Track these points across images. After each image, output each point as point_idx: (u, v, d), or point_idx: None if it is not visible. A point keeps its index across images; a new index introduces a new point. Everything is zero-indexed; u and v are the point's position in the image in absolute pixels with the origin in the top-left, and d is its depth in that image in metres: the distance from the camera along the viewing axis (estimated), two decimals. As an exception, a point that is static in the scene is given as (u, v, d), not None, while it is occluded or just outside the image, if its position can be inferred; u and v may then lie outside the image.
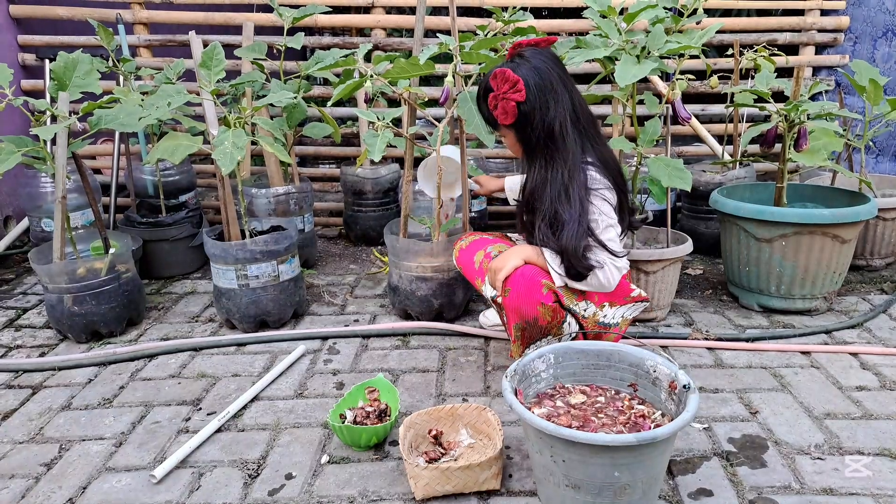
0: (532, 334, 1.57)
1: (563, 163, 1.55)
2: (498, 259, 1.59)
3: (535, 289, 1.53)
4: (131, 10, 3.07)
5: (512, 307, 1.55)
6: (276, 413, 1.65)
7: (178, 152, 1.86)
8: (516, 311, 1.55)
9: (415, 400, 1.70)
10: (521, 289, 1.53)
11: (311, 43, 3.10)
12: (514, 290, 1.54)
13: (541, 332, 1.57)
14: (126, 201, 2.92)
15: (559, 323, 1.57)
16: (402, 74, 1.85)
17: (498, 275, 1.57)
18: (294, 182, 2.70)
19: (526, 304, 1.53)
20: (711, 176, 2.71)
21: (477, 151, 3.16)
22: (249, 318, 2.09)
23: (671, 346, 1.97)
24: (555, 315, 1.55)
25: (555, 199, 1.54)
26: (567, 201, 1.53)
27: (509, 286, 1.55)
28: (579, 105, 1.62)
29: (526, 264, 1.56)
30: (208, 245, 2.07)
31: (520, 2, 3.00)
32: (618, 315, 1.67)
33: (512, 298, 1.54)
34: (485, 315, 2.14)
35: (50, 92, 2.03)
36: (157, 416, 1.65)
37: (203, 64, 2.01)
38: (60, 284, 1.99)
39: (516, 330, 1.57)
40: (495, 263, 1.59)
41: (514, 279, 1.55)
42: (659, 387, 1.37)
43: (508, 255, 1.58)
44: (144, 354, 1.97)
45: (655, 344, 1.97)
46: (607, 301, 1.65)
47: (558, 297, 1.55)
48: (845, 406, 1.62)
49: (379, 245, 3.03)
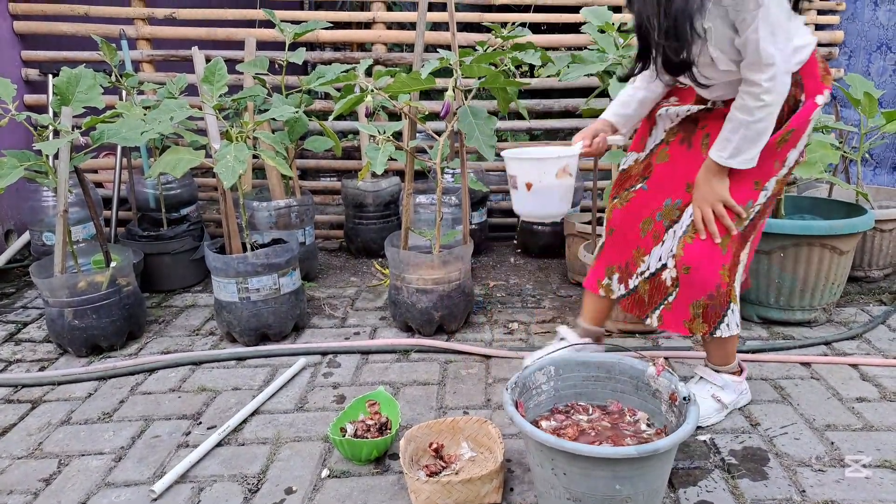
0: (716, 305, 1.49)
1: None
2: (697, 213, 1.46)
3: (716, 253, 1.45)
4: (135, 26, 3.11)
5: (692, 283, 1.47)
6: (277, 427, 1.65)
7: (180, 166, 1.87)
8: (698, 285, 1.47)
9: (415, 413, 1.70)
10: (701, 259, 1.46)
11: (313, 58, 3.13)
12: (694, 265, 1.46)
13: (723, 300, 1.49)
14: (128, 214, 2.93)
15: (734, 280, 1.50)
16: (403, 89, 1.87)
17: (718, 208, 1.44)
18: (295, 195, 2.72)
19: (709, 271, 1.45)
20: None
21: (477, 164, 3.18)
22: (250, 332, 2.10)
23: (672, 357, 1.97)
24: (731, 273, 1.48)
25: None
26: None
27: (688, 262, 1.47)
28: None
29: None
30: (209, 258, 2.08)
31: (519, 18, 3.03)
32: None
33: (692, 276, 1.47)
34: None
35: (53, 107, 2.04)
36: (157, 430, 1.65)
37: (205, 79, 2.03)
38: (61, 298, 2.00)
39: (695, 308, 1.50)
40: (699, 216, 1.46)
41: (692, 251, 1.46)
42: (659, 399, 1.37)
43: (700, 194, 1.44)
44: (144, 368, 1.97)
45: (656, 356, 1.97)
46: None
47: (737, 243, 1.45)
48: (846, 417, 1.62)
49: (380, 257, 3.04)
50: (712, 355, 1.65)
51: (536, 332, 2.20)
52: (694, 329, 1.54)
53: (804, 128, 1.44)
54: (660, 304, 1.57)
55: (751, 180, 1.44)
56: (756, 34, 1.27)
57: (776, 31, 1.27)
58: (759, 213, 1.50)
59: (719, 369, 1.65)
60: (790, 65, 1.33)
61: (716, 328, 1.53)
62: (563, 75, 1.96)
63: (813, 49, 1.40)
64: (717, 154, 1.42)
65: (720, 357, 1.64)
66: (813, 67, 1.41)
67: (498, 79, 1.89)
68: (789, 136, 1.42)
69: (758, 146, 1.38)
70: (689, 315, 1.53)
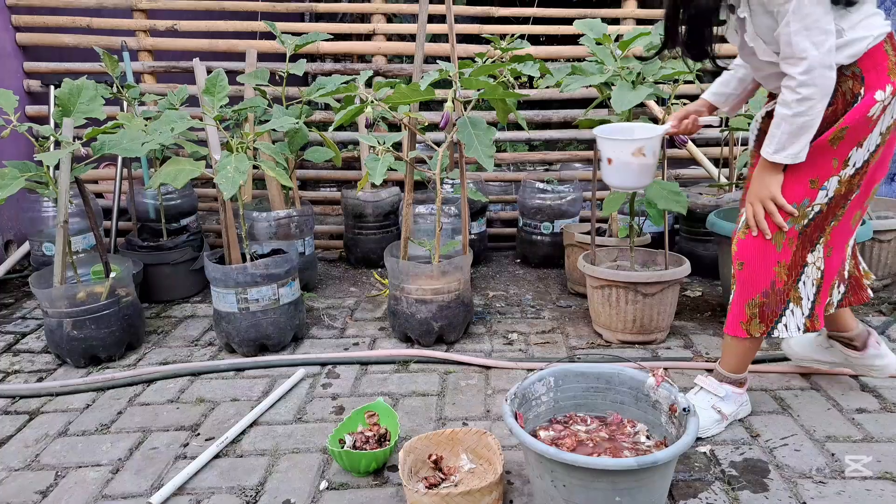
0: (771, 304, 1.50)
1: None
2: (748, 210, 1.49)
3: (768, 250, 1.47)
4: (136, 38, 3.13)
5: (746, 280, 1.50)
6: (275, 438, 1.64)
7: (181, 177, 1.88)
8: (751, 282, 1.50)
9: (415, 424, 1.69)
10: (755, 254, 1.48)
11: (314, 69, 3.15)
12: (748, 261, 1.50)
13: (780, 298, 1.50)
14: (128, 225, 2.94)
15: (795, 281, 1.50)
16: (403, 100, 1.88)
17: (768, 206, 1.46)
18: (295, 205, 2.72)
19: (762, 268, 1.48)
20: (708, 199, 2.73)
21: (476, 175, 3.19)
22: (249, 342, 2.09)
23: (671, 368, 1.97)
24: (790, 272, 1.49)
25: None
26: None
27: (741, 258, 1.51)
28: None
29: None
30: (209, 268, 2.08)
31: (518, 30, 3.05)
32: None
33: (746, 271, 1.50)
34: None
35: (54, 118, 2.05)
36: (155, 441, 1.64)
37: (206, 90, 2.04)
38: (60, 309, 2.00)
39: (750, 308, 1.52)
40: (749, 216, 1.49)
41: (745, 247, 1.50)
42: (659, 410, 1.37)
43: (752, 192, 1.47)
44: (143, 379, 1.97)
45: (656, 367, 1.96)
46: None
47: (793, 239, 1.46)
48: (846, 429, 1.62)
49: (379, 268, 3.04)
50: (726, 359, 1.64)
51: (536, 343, 2.19)
52: (751, 330, 1.54)
53: (863, 125, 1.37)
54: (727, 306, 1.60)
55: (805, 178, 1.43)
56: (788, 27, 1.29)
57: (810, 24, 1.27)
58: (823, 213, 1.46)
59: (725, 376, 1.63)
60: (830, 59, 1.31)
61: (772, 328, 1.53)
62: (564, 86, 1.97)
63: (878, 41, 1.34)
64: (764, 150, 1.43)
65: (733, 363, 1.62)
66: (879, 59, 1.35)
67: (497, 90, 1.90)
68: (843, 133, 1.38)
69: (801, 141, 1.37)
70: (745, 315, 1.54)
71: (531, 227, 3.01)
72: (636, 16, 3.19)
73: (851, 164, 1.42)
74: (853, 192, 1.47)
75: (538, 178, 3.17)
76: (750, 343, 1.59)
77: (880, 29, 1.34)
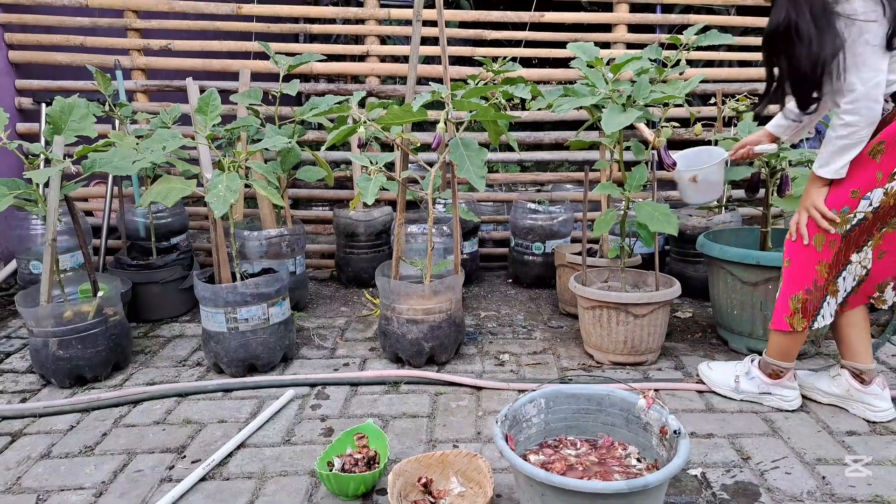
0: (813, 300, 1.68)
1: None
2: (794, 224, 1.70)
3: (811, 250, 1.66)
4: (130, 57, 3.14)
5: (791, 277, 1.69)
6: (263, 461, 1.62)
7: (172, 195, 1.87)
8: (795, 279, 1.68)
9: (404, 446, 1.67)
10: (799, 253, 1.68)
11: (307, 89, 3.17)
12: (793, 258, 1.69)
13: (820, 294, 1.68)
14: (117, 243, 2.92)
15: (835, 277, 1.68)
16: (396, 120, 1.90)
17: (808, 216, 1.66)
18: (287, 224, 2.72)
19: (805, 266, 1.66)
20: (698, 220, 2.75)
21: (468, 195, 3.20)
22: (238, 363, 2.07)
23: (662, 390, 1.96)
24: (831, 270, 1.66)
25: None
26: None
27: (788, 256, 1.71)
28: None
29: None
30: (198, 287, 2.06)
31: (510, 52, 3.09)
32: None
33: (791, 268, 1.69)
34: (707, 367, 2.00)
35: (45, 135, 2.05)
36: (140, 464, 1.61)
37: (199, 109, 2.04)
38: (46, 328, 1.97)
39: (794, 303, 1.70)
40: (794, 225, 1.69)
41: (791, 246, 1.70)
42: (650, 432, 1.36)
43: (802, 199, 1.67)
44: (129, 400, 1.94)
45: (646, 388, 1.96)
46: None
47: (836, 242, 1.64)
48: (836, 451, 1.62)
49: (370, 287, 3.03)
50: (770, 348, 1.81)
51: (527, 364, 2.18)
52: (794, 324, 1.72)
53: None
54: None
55: (847, 189, 1.61)
56: (840, 64, 1.49)
57: (859, 63, 1.47)
58: (869, 220, 1.62)
59: (768, 363, 1.81)
60: (876, 93, 1.49)
61: (814, 321, 1.71)
62: (556, 107, 1.99)
63: None
64: (815, 164, 1.65)
65: (778, 351, 1.79)
66: None
67: (488, 112, 1.92)
68: (882, 146, 1.54)
69: (843, 159, 1.57)
70: (788, 310, 1.72)
71: (523, 247, 3.02)
72: (626, 40, 3.24)
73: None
74: None
75: (530, 198, 3.19)
76: (794, 336, 1.75)
77: None
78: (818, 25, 1.48)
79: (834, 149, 1.57)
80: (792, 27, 1.50)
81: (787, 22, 1.50)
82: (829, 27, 1.47)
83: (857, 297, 1.76)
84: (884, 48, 1.46)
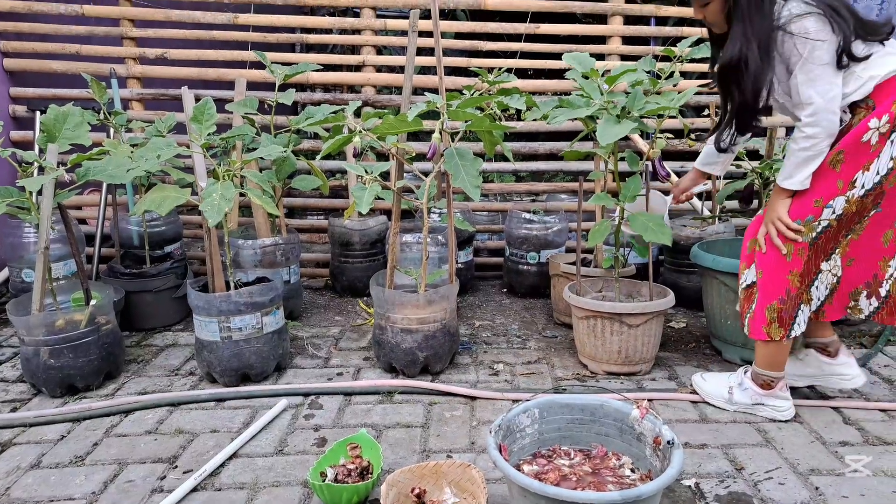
0: (788, 309, 1.71)
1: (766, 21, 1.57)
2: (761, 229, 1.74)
3: (780, 261, 1.69)
4: (126, 65, 3.14)
5: (765, 288, 1.71)
6: (255, 471, 1.61)
7: (166, 204, 1.87)
8: (770, 291, 1.70)
9: (398, 456, 1.67)
10: (770, 265, 1.70)
11: (303, 99, 3.18)
12: (765, 270, 1.72)
13: (794, 303, 1.71)
14: (111, 252, 2.91)
15: (808, 286, 1.73)
16: (391, 130, 1.90)
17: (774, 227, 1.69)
18: (281, 233, 2.72)
19: (777, 276, 1.69)
20: (692, 231, 2.77)
21: (463, 205, 3.21)
22: (231, 372, 2.06)
23: (656, 400, 1.96)
24: (803, 279, 1.70)
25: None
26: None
27: (760, 268, 1.73)
28: None
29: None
30: (192, 296, 2.06)
31: (505, 63, 3.11)
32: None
33: (765, 279, 1.71)
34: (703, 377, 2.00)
35: (39, 143, 2.05)
36: (131, 474, 1.60)
37: (194, 118, 2.05)
38: (38, 337, 1.96)
39: (770, 312, 1.72)
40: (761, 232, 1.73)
41: (763, 258, 1.72)
42: (644, 442, 1.36)
43: (767, 214, 1.71)
44: (120, 410, 1.92)
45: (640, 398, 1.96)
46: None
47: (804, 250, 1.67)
48: (829, 462, 1.62)
49: (365, 296, 3.03)
50: (758, 358, 1.82)
51: (521, 374, 2.18)
52: (771, 333, 1.74)
53: (860, 149, 1.58)
54: (747, 314, 1.79)
55: (811, 199, 1.65)
56: (796, 79, 1.57)
57: (815, 78, 1.55)
58: (834, 228, 1.66)
59: (758, 373, 1.81)
60: (835, 104, 1.56)
61: (791, 330, 1.73)
62: (551, 118, 2.00)
63: (887, 77, 1.55)
64: (778, 177, 1.69)
65: (765, 361, 1.80)
66: (889, 92, 1.56)
67: (483, 122, 1.92)
68: (841, 156, 1.60)
69: (807, 170, 1.62)
70: (765, 320, 1.73)
71: (518, 256, 3.03)
72: (621, 52, 3.27)
73: (860, 185, 1.62)
74: (868, 211, 1.66)
75: (525, 208, 3.20)
76: (776, 345, 1.76)
77: (890, 67, 1.56)
78: (762, 58, 1.57)
79: (798, 161, 1.62)
80: (742, 60, 1.58)
81: (740, 55, 1.58)
82: (769, 59, 1.57)
83: (832, 307, 1.79)
84: (834, 65, 1.55)
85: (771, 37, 1.56)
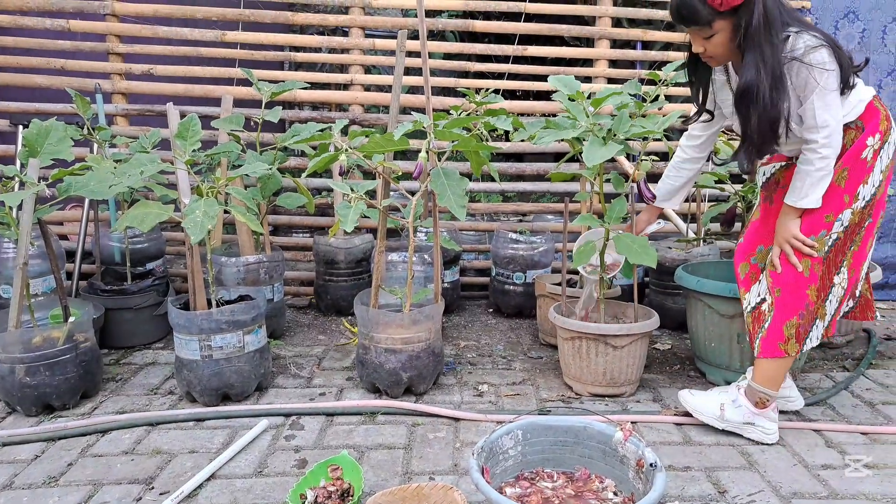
0: (805, 324, 1.77)
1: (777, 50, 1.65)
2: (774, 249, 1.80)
3: (798, 277, 1.75)
4: (111, 81, 3.13)
5: (784, 305, 1.76)
6: (234, 493, 1.57)
7: (148, 220, 1.85)
8: (789, 307, 1.75)
9: (380, 479, 1.64)
10: (788, 282, 1.76)
11: (290, 116, 3.18)
12: (783, 287, 1.76)
13: (811, 318, 1.77)
14: (91, 268, 2.87)
15: (823, 301, 1.79)
16: (378, 149, 1.90)
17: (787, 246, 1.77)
18: (266, 251, 2.70)
19: (797, 292, 1.75)
20: (677, 253, 2.79)
21: (450, 224, 3.21)
22: (211, 391, 2.03)
23: (639, 422, 1.95)
24: (819, 293, 1.76)
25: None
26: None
27: (777, 286, 1.78)
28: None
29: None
30: (172, 314, 2.03)
31: (493, 84, 3.14)
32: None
33: (783, 296, 1.76)
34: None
35: (20, 158, 2.02)
36: (106, 495, 1.56)
37: (179, 134, 2.04)
38: (13, 354, 1.91)
39: (788, 329, 1.76)
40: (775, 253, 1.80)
41: (778, 277, 1.78)
42: (627, 465, 1.35)
43: (777, 234, 1.79)
44: (97, 429, 1.88)
45: (624, 420, 1.95)
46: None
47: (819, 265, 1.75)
48: (812, 485, 1.62)
49: (350, 315, 3.00)
50: (758, 372, 1.83)
51: (506, 395, 2.17)
52: (788, 350, 1.78)
53: (860, 165, 1.73)
54: (758, 334, 1.83)
55: (821, 215, 1.75)
56: (813, 105, 1.66)
57: (829, 103, 1.66)
58: (841, 240, 1.77)
59: (755, 390, 1.81)
60: (841, 126, 1.70)
61: (804, 345, 1.79)
62: (538, 139, 2.01)
63: (868, 100, 1.74)
64: (790, 199, 1.77)
65: (766, 377, 1.82)
66: (874, 113, 1.74)
67: (470, 142, 1.93)
68: (845, 173, 1.73)
69: (821, 189, 1.72)
70: (783, 337, 1.78)
71: (504, 276, 3.03)
72: (607, 75, 3.31)
73: (861, 198, 1.75)
74: (866, 221, 1.80)
75: (511, 228, 3.21)
76: (785, 361, 1.80)
77: (868, 92, 1.76)
78: (777, 85, 1.65)
79: (813, 181, 1.71)
80: (753, 89, 1.65)
81: (756, 81, 1.65)
82: (783, 86, 1.65)
83: (835, 318, 1.86)
84: (839, 92, 1.68)
85: (784, 66, 1.64)
